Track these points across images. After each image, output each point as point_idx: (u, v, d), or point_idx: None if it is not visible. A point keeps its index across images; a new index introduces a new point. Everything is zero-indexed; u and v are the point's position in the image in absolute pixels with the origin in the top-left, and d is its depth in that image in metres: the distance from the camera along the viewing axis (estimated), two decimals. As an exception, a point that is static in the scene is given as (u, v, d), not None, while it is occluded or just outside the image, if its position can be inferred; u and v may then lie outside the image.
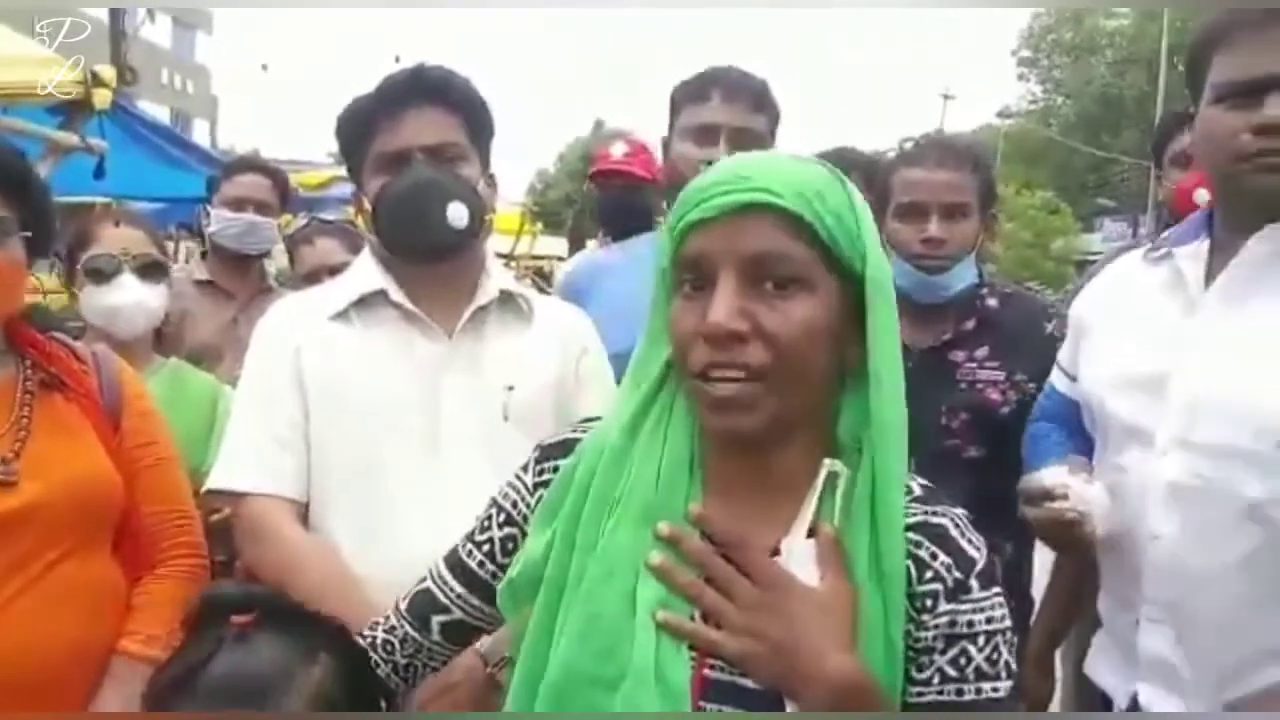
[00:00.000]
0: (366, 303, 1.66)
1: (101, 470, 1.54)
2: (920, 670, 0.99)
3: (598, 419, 1.13)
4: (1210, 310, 1.52)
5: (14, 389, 1.53)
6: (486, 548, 1.14)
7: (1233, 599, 1.45)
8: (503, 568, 1.12)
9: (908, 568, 0.99)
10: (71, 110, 3.91)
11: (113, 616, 1.54)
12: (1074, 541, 1.58)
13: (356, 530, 1.57)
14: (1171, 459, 1.49)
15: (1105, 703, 1.69)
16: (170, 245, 5.20)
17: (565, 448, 1.11)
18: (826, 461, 1.00)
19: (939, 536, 1.00)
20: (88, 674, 1.48)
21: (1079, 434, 1.75)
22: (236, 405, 1.69)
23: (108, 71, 3.97)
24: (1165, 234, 1.70)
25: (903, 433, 1.00)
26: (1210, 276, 1.54)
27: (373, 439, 1.59)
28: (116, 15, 12.15)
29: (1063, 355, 1.83)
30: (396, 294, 1.65)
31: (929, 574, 0.99)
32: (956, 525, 1.02)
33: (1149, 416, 1.54)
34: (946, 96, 39.21)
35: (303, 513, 1.61)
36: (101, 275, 2.16)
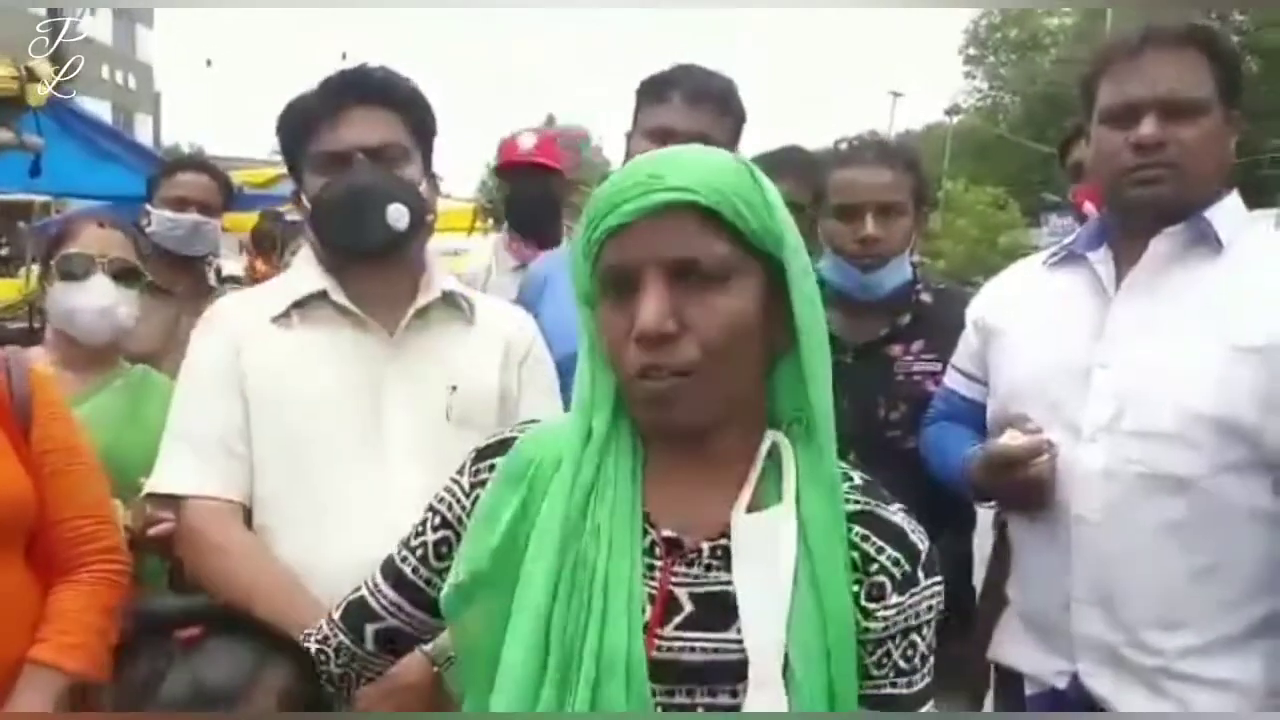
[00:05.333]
0: (307, 303, 1.65)
1: (10, 477, 1.50)
2: (878, 666, 1.02)
3: (535, 421, 1.14)
4: (1124, 307, 1.65)
5: None
6: (420, 552, 1.14)
7: (1163, 572, 1.56)
8: (436, 572, 1.12)
9: (853, 558, 1.01)
10: (5, 106, 3.82)
11: (25, 626, 1.49)
12: (1045, 498, 1.65)
13: (299, 531, 1.56)
14: (1100, 445, 1.60)
15: (1020, 685, 1.76)
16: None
17: (502, 448, 1.11)
18: (769, 433, 1.03)
19: (883, 527, 1.03)
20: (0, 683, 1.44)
21: (981, 432, 1.83)
22: (175, 408, 1.66)
23: (44, 67, 3.88)
24: (1065, 242, 1.82)
25: (830, 405, 1.02)
26: (1119, 276, 1.66)
27: (314, 440, 1.58)
28: (54, 9, 11.88)
29: (961, 360, 1.92)
30: (337, 294, 1.64)
31: (874, 566, 1.01)
32: (900, 516, 1.05)
33: (1072, 407, 1.63)
34: (895, 94, 39.63)
35: (245, 515, 1.60)
36: (73, 275, 2.10)
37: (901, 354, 2.15)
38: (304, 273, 1.70)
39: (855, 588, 1.01)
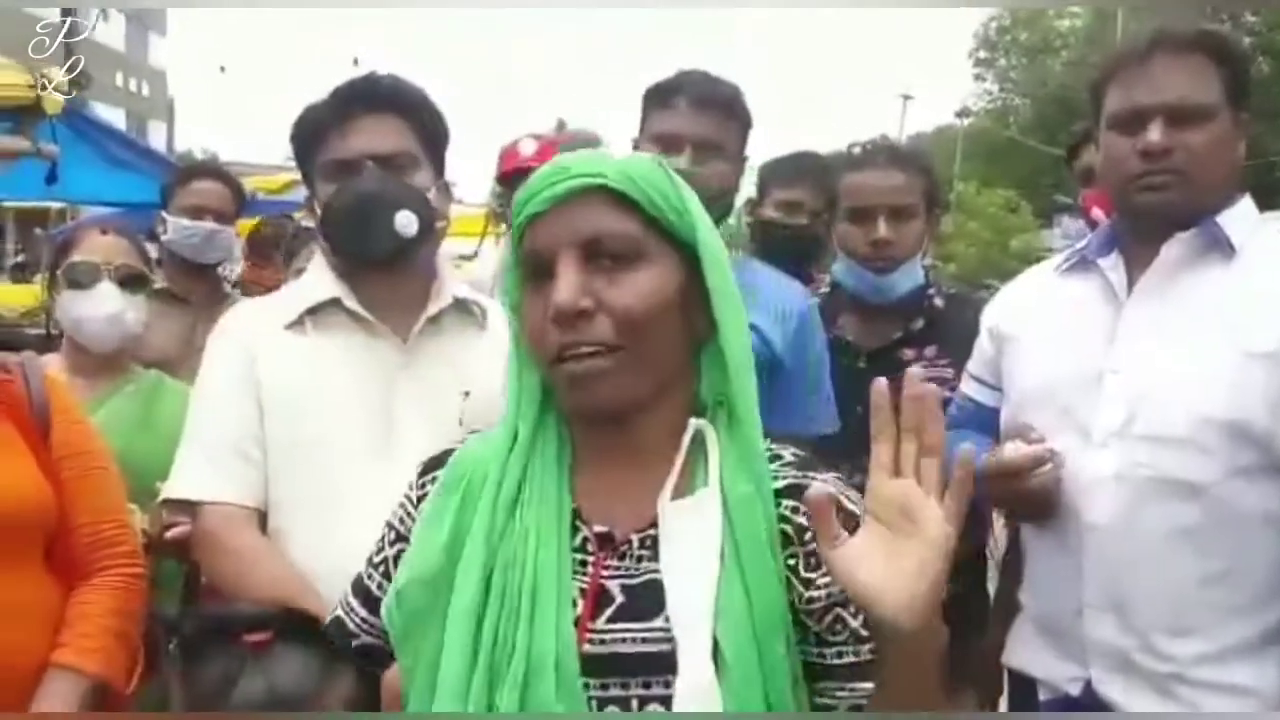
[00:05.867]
0: (321, 310, 1.67)
1: (30, 482, 1.52)
2: (832, 632, 1.01)
3: (477, 431, 1.17)
4: (1135, 312, 1.65)
5: None
6: (382, 568, 1.15)
7: (1172, 576, 1.55)
8: None
9: (786, 531, 1.02)
10: (22, 115, 3.85)
11: (46, 629, 1.51)
12: (1052, 507, 1.64)
13: (312, 536, 1.57)
14: (1111, 450, 1.59)
15: (1033, 690, 1.76)
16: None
17: (444, 460, 1.13)
18: (692, 421, 1.04)
19: None
20: (21, 687, 1.46)
21: (994, 438, 1.81)
22: (191, 414, 1.68)
23: (59, 75, 3.91)
24: (1076, 248, 1.81)
25: (753, 386, 1.04)
26: (1130, 282, 1.66)
27: (328, 445, 1.60)
28: (68, 17, 11.97)
29: (976, 366, 1.92)
30: (350, 301, 1.66)
31: (808, 535, 1.00)
32: (831, 485, 1.04)
33: (1084, 413, 1.63)
34: (905, 97, 39.62)
35: (260, 520, 1.61)
36: (80, 283, 2.13)
37: (915, 359, 2.16)
38: (317, 280, 1.71)
39: (792, 561, 1.01)
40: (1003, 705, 2.13)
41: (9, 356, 1.63)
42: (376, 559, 1.17)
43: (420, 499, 1.13)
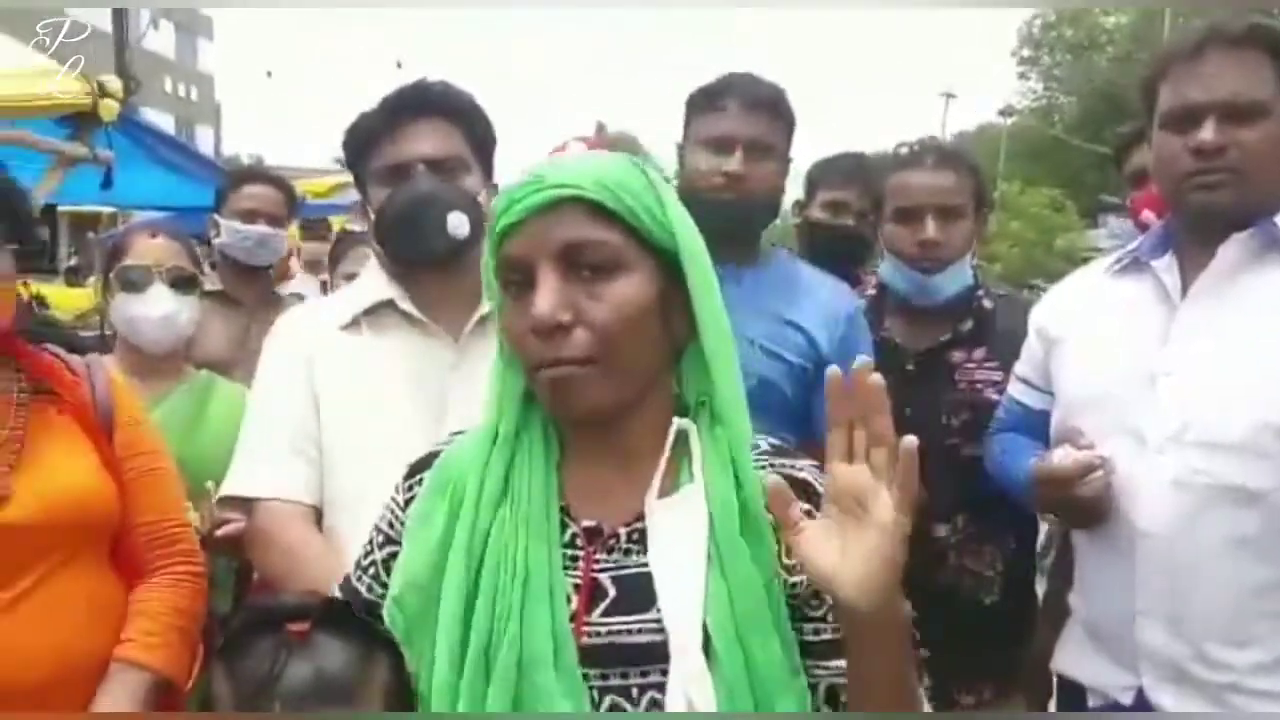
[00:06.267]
0: (375, 312, 1.70)
1: (96, 481, 1.56)
2: (814, 609, 1.02)
3: (462, 432, 1.17)
4: (1191, 314, 1.61)
5: (8, 402, 1.54)
6: (372, 571, 1.16)
7: (1228, 585, 1.52)
8: (388, 587, 1.13)
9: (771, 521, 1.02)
10: (79, 121, 3.94)
11: (109, 625, 1.55)
12: (1103, 514, 1.63)
13: (367, 534, 1.59)
14: (1168, 457, 1.56)
15: (1082, 697, 1.74)
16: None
17: (430, 461, 1.14)
18: (676, 421, 1.05)
19: (800, 485, 1.02)
20: (85, 683, 1.50)
21: (1044, 442, 1.80)
22: (249, 414, 1.73)
23: (114, 83, 4.00)
24: (1128, 248, 1.78)
25: (739, 387, 1.05)
26: (1185, 284, 1.63)
27: (383, 444, 1.61)
28: (120, 24, 12.21)
29: (1025, 368, 1.90)
30: (404, 303, 1.69)
31: None
32: (808, 471, 1.07)
33: (1138, 417, 1.60)
34: (948, 96, 39.18)
35: (316, 518, 1.65)
36: (133, 286, 2.18)
37: (963, 361, 2.14)
38: (371, 282, 1.75)
39: (777, 546, 1.02)
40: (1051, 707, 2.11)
41: (75, 359, 1.67)
42: (365, 562, 1.17)
43: (408, 502, 1.14)
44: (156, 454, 1.68)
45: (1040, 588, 2.30)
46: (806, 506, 0.95)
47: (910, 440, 0.89)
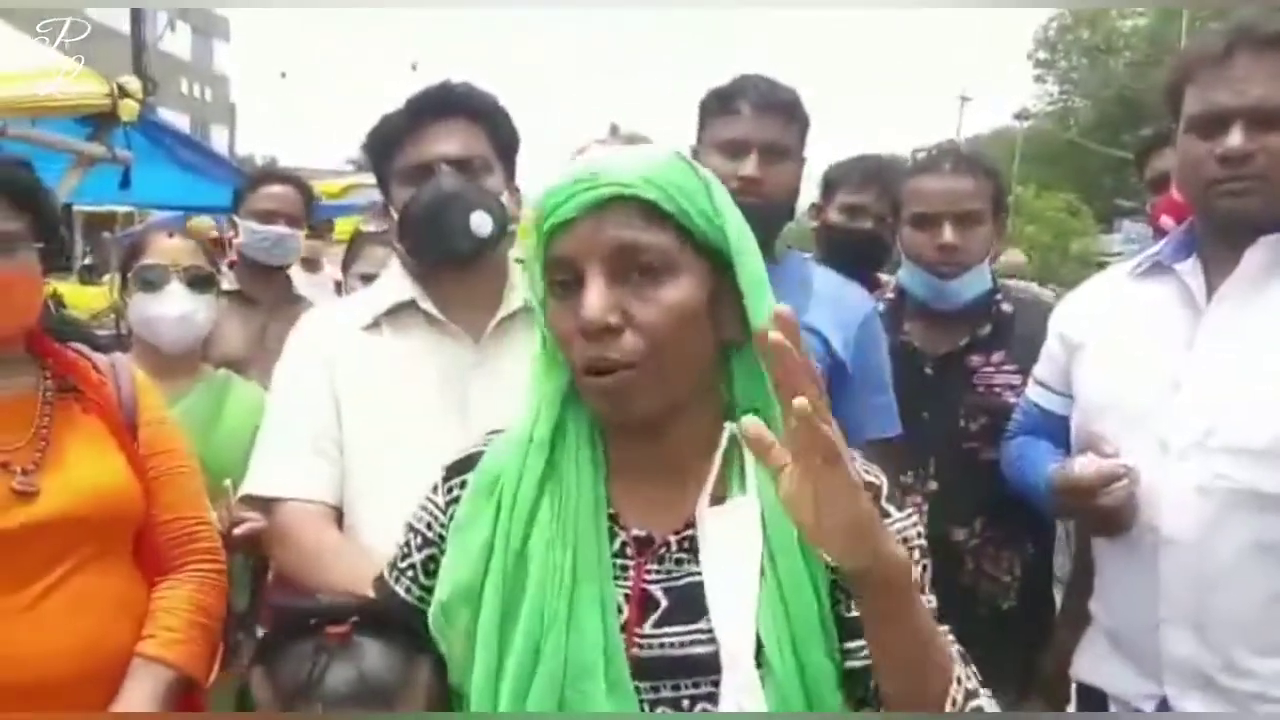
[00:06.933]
0: (396, 312, 1.71)
1: (120, 480, 1.57)
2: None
3: (501, 431, 1.14)
4: (1216, 319, 1.60)
5: (34, 399, 1.56)
6: (410, 573, 1.15)
7: (1254, 591, 1.51)
8: (427, 590, 1.12)
9: None
10: (99, 122, 3.97)
11: (133, 622, 1.56)
12: (1126, 523, 1.61)
13: (388, 534, 1.59)
14: (1192, 463, 1.55)
15: (1104, 705, 1.73)
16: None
17: (470, 463, 1.12)
18: (728, 426, 1.03)
19: (867, 488, 0.99)
20: (108, 679, 1.51)
21: (1063, 446, 1.80)
22: (269, 414, 1.73)
23: (134, 84, 4.02)
24: (1150, 252, 1.77)
25: None
26: (1209, 288, 1.62)
27: (403, 443, 1.62)
28: (137, 26, 12.29)
29: (1044, 372, 1.88)
30: (425, 303, 1.70)
31: None
32: (878, 475, 1.06)
33: (1161, 422, 1.59)
34: (964, 99, 39.10)
35: (337, 518, 1.65)
36: (150, 285, 2.19)
37: (981, 365, 2.13)
38: (393, 282, 1.76)
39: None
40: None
41: (100, 357, 1.69)
42: (403, 564, 1.16)
43: (449, 504, 1.12)
44: (179, 452, 1.70)
45: (1057, 592, 2.29)
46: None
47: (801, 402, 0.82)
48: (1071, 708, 2.04)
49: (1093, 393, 1.74)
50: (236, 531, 1.81)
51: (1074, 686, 1.91)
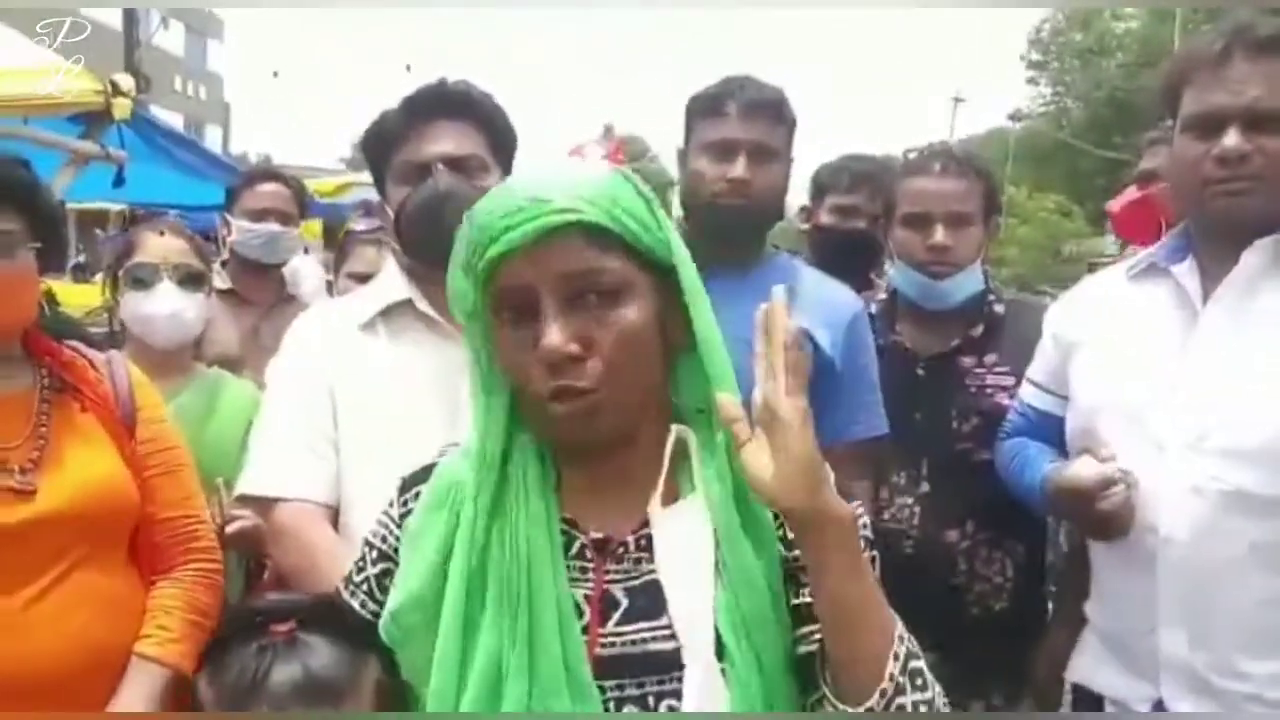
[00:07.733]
0: (392, 312, 1.72)
1: (118, 478, 1.57)
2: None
3: (456, 444, 1.15)
4: (1212, 320, 1.60)
5: (32, 397, 1.56)
6: (365, 587, 1.15)
7: (1249, 594, 1.51)
8: (381, 604, 1.12)
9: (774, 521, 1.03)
10: (92, 120, 3.96)
11: (130, 620, 1.56)
12: (1123, 527, 1.61)
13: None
14: (1187, 464, 1.55)
15: (1099, 708, 1.73)
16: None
17: (425, 475, 1.13)
18: (675, 428, 1.05)
19: None
20: (106, 677, 1.51)
21: (1058, 447, 1.80)
22: (265, 413, 1.73)
23: (127, 82, 4.01)
24: (1146, 253, 1.77)
25: (737, 394, 1.03)
26: (1205, 290, 1.62)
27: (399, 444, 1.62)
28: (130, 24, 12.25)
29: (1038, 373, 1.88)
30: (422, 303, 1.70)
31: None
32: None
33: (1157, 424, 1.60)
34: (957, 99, 39.17)
35: (333, 517, 1.65)
36: (141, 283, 2.19)
37: (974, 366, 2.14)
38: (389, 282, 1.76)
39: (784, 550, 1.03)
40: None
41: (97, 355, 1.69)
42: (358, 578, 1.16)
43: (403, 516, 1.12)
44: (177, 450, 1.70)
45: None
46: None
47: (794, 326, 0.92)
48: (1065, 709, 2.04)
49: (1088, 394, 1.74)
50: (228, 529, 1.82)
51: (1068, 688, 1.92)
